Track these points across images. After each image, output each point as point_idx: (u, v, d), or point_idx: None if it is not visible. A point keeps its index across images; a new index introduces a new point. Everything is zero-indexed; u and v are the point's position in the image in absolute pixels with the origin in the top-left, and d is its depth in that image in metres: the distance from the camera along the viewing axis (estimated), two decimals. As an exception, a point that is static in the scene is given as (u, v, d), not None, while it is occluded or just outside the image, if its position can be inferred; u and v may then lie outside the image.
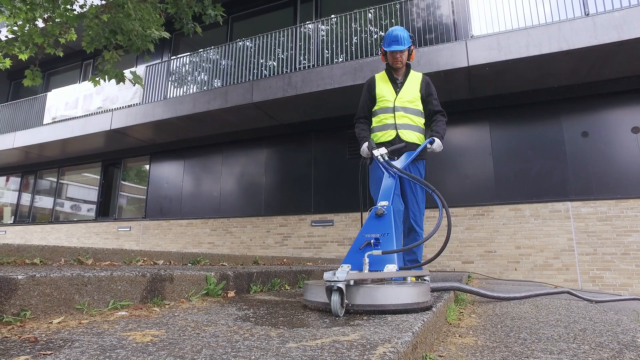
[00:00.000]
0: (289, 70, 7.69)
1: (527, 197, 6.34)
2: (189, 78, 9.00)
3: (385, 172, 2.32)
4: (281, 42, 7.97)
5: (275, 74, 7.84)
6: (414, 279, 1.86)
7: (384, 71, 2.91)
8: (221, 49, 8.59)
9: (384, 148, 2.43)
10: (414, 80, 2.84)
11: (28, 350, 0.85)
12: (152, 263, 2.72)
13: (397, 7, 7.09)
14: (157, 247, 9.18)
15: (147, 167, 10.07)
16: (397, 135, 2.72)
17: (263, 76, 7.89)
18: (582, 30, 5.38)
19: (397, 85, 2.81)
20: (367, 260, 1.76)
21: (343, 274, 1.43)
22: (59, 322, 1.15)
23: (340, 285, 1.39)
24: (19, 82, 13.05)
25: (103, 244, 9.86)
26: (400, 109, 2.74)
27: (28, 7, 5.09)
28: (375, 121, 2.83)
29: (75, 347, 0.88)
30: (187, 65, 9.13)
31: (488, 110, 6.90)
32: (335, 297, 1.39)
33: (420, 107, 2.81)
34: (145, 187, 9.88)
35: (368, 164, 2.79)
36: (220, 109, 7.59)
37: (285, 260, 4.56)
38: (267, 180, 8.51)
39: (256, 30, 8.47)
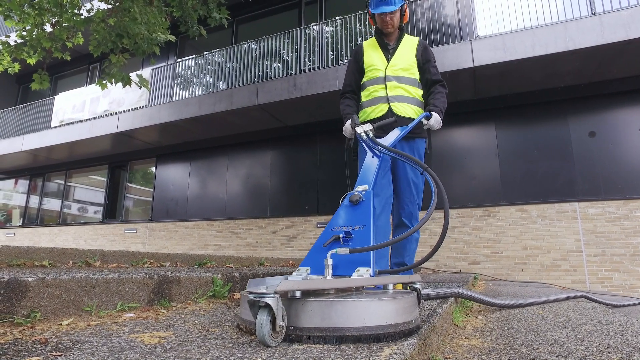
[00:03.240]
0: (293, 72, 7.71)
1: (533, 197, 6.30)
2: (195, 80, 9.06)
3: (369, 151, 1.90)
4: (286, 44, 8.00)
5: (280, 76, 7.86)
6: (400, 286, 1.46)
7: (373, 37, 2.51)
8: (226, 51, 8.63)
9: (369, 124, 1.97)
10: (409, 44, 2.42)
11: (39, 351, 0.86)
12: (158, 265, 2.74)
13: (402, 8, 7.08)
14: (163, 249, 9.23)
15: (153, 169, 10.14)
16: (390, 109, 2.30)
17: (268, 78, 7.92)
18: (588, 30, 5.34)
19: (388, 52, 2.41)
20: (329, 261, 1.27)
21: (296, 278, 1.04)
22: (68, 324, 1.16)
23: (270, 299, 0.91)
24: (27, 86, 13.21)
25: (110, 246, 9.94)
26: (392, 79, 2.33)
27: (36, 12, 5.16)
28: (364, 95, 2.44)
29: (84, 349, 0.89)
30: (192, 68, 9.20)
31: (494, 110, 6.87)
32: (263, 318, 0.91)
33: (416, 75, 2.39)
34: (152, 189, 9.95)
35: (352, 146, 2.37)
36: (226, 111, 7.63)
37: (291, 262, 4.57)
38: (273, 182, 8.53)
39: (261, 33, 8.50)
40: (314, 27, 7.98)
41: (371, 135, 1.92)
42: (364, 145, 1.94)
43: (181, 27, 5.82)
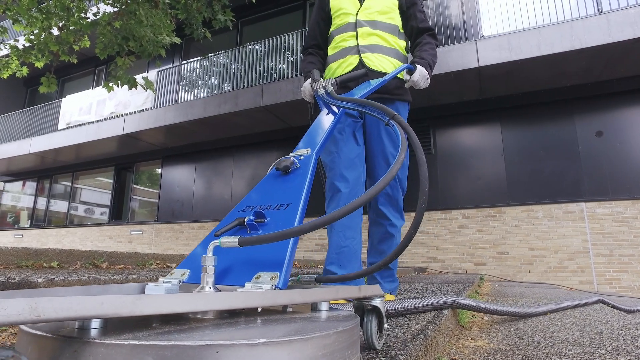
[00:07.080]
0: (298, 74, 7.73)
1: (540, 198, 6.26)
2: (200, 82, 9.11)
3: (325, 108, 1.44)
4: (290, 45, 8.01)
5: (285, 77, 7.88)
6: (343, 301, 0.92)
7: None
8: (231, 53, 8.67)
9: (332, 79, 1.52)
10: None
11: (48, 351, 0.87)
12: (165, 266, 2.76)
13: (406, 8, 7.07)
14: (169, 250, 9.28)
15: (159, 170, 10.20)
16: (361, 62, 1.78)
17: (273, 79, 7.94)
18: (595, 28, 5.30)
19: None
20: (209, 260, 0.72)
21: (154, 290, 0.68)
22: (76, 325, 1.18)
23: None
24: (34, 89, 13.37)
25: (116, 247, 10.01)
26: (365, 24, 1.81)
27: (44, 16, 5.22)
28: (331, 48, 1.92)
29: (93, 349, 0.90)
30: (197, 70, 9.24)
31: (499, 110, 6.83)
32: None
33: (397, 21, 1.86)
34: (157, 191, 10.00)
35: (314, 114, 1.82)
36: (231, 112, 7.66)
37: (296, 263, 4.57)
38: (278, 183, 8.54)
39: (266, 34, 8.53)
40: (318, 28, 7.99)
41: (330, 89, 1.46)
42: (320, 101, 1.48)
43: (186, 29, 5.86)
